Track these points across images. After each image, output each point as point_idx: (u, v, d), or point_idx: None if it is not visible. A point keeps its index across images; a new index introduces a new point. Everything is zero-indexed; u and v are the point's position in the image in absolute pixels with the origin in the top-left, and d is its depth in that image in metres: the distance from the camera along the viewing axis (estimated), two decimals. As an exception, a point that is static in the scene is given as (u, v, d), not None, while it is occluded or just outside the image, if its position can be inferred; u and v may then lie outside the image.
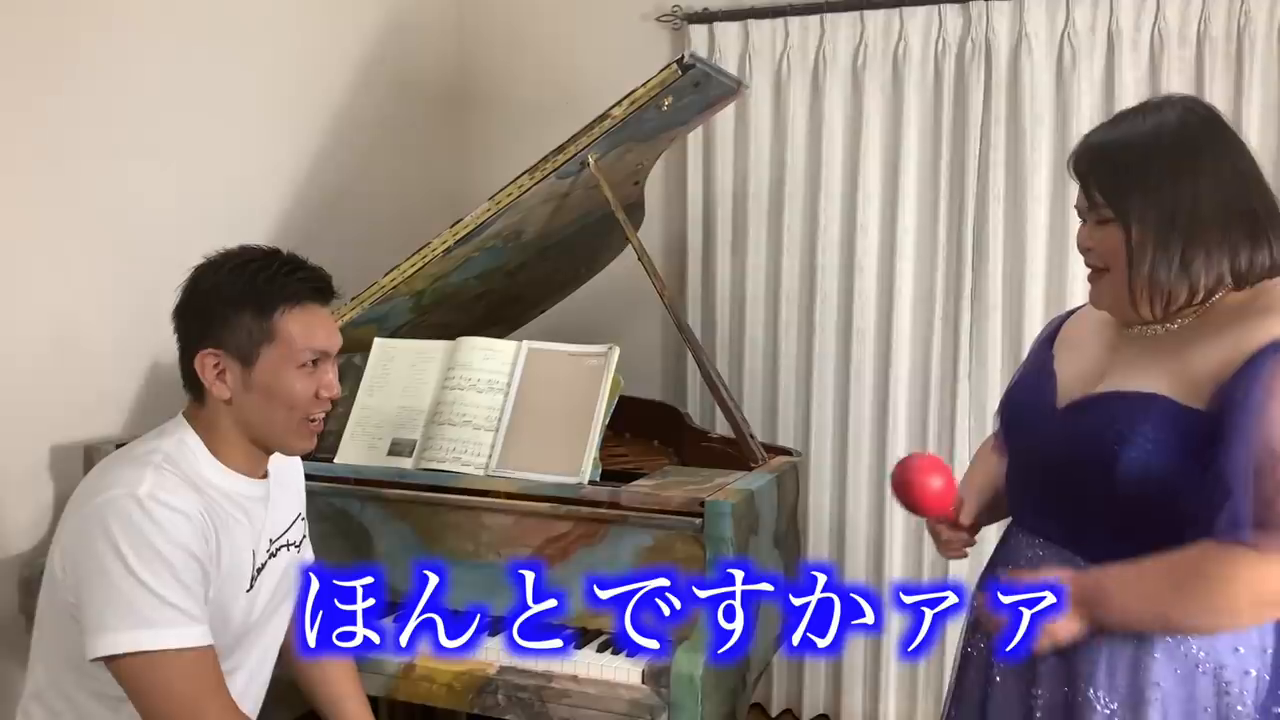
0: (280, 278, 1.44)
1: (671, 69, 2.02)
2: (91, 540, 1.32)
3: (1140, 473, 1.22)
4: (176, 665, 1.32)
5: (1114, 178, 1.28)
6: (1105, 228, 1.29)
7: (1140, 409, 1.25)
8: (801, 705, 3.05)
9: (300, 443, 1.50)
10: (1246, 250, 1.23)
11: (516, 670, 1.77)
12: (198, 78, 2.42)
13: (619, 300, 3.03)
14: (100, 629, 1.30)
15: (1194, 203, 1.23)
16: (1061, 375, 1.41)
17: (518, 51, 3.28)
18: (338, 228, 2.84)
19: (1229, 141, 1.28)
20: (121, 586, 1.30)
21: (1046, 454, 1.37)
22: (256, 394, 1.43)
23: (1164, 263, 1.24)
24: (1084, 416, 1.32)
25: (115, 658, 1.31)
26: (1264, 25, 2.51)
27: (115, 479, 1.36)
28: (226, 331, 1.41)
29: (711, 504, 1.78)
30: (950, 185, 2.81)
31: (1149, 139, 1.27)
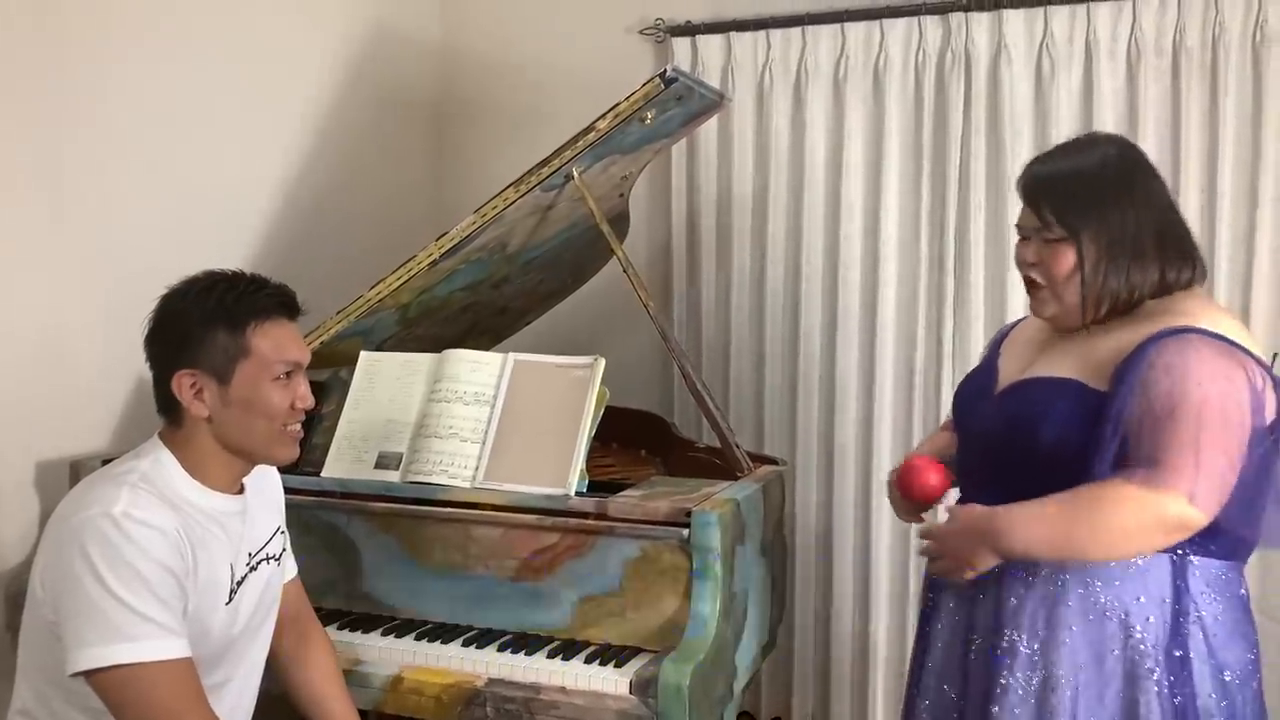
0: (248, 296, 1.50)
1: (654, 83, 2.04)
2: (69, 559, 1.35)
3: (1057, 444, 1.45)
4: (155, 677, 1.35)
5: (1068, 203, 1.49)
6: (1055, 246, 1.50)
7: (1056, 391, 1.49)
8: (790, 712, 3.06)
9: (284, 451, 1.55)
10: (1175, 266, 1.48)
11: (504, 682, 1.77)
12: (183, 91, 2.42)
13: (605, 311, 3.04)
14: (79, 644, 1.33)
15: (1136, 226, 1.47)
16: (1002, 370, 1.66)
17: (502, 64, 3.29)
18: (323, 241, 2.84)
19: (1154, 175, 1.53)
20: (99, 602, 1.33)
21: (985, 434, 1.61)
22: (235, 409, 1.47)
23: (1114, 275, 1.47)
24: (1012, 399, 1.56)
25: (95, 672, 1.33)
26: (1238, 36, 2.54)
27: (91, 499, 1.39)
28: (201, 351, 1.46)
29: (698, 514, 1.79)
30: (931, 195, 2.83)
31: (1097, 170, 1.50)
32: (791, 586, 2.97)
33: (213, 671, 1.49)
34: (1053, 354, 1.55)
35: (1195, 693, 1.43)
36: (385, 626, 1.93)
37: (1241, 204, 2.58)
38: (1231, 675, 1.45)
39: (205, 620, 1.47)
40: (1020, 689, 1.49)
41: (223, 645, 1.53)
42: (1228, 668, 1.45)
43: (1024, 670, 1.49)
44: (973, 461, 1.68)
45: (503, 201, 2.12)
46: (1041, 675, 1.48)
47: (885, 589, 2.91)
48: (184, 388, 1.46)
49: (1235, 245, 2.59)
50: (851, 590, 2.97)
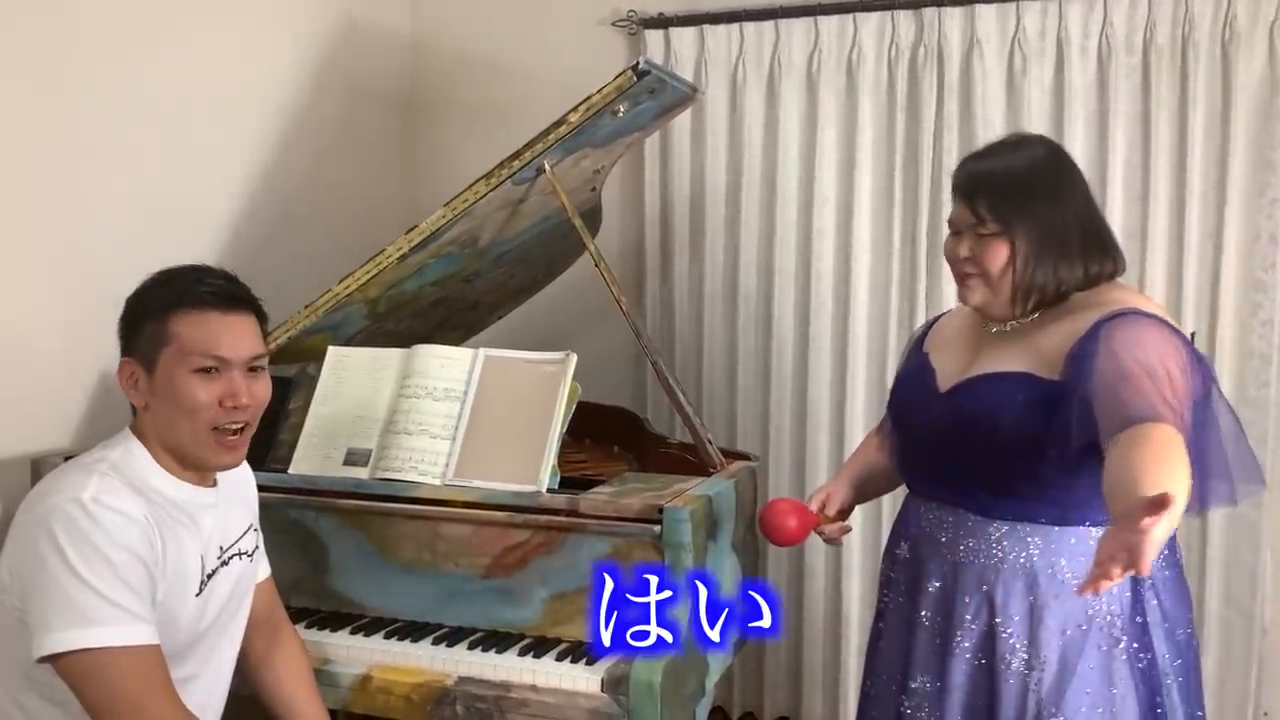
0: (180, 283, 1.48)
1: (626, 75, 2.02)
2: (36, 544, 1.34)
3: (1019, 435, 1.50)
4: (121, 662, 1.34)
5: (1003, 200, 1.54)
6: (988, 241, 1.55)
7: (1013, 384, 1.53)
8: (763, 708, 3.06)
9: (213, 456, 1.49)
10: (1097, 260, 1.55)
11: (475, 680, 1.76)
12: (147, 86, 2.37)
13: (578, 306, 3.02)
14: (45, 629, 1.33)
15: (1064, 222, 1.54)
16: (939, 368, 1.69)
17: (472, 56, 3.26)
18: (291, 235, 2.80)
19: (1079, 175, 1.60)
20: (65, 586, 1.32)
21: (934, 431, 1.64)
22: (160, 400, 1.46)
23: (1042, 269, 1.53)
24: (967, 395, 1.59)
25: (60, 656, 1.33)
26: (1207, 33, 2.56)
27: (60, 486, 1.39)
28: (135, 339, 1.47)
29: (670, 510, 1.78)
30: (904, 189, 2.83)
31: (1027, 169, 1.56)
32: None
33: (181, 665, 1.48)
34: (993, 350, 1.60)
35: (1155, 655, 1.52)
36: (354, 625, 1.91)
37: (1210, 200, 2.60)
38: (1181, 632, 1.56)
39: (174, 610, 1.46)
40: (1007, 672, 1.54)
41: (191, 638, 1.51)
42: (1179, 626, 1.56)
43: (1007, 654, 1.55)
44: (921, 460, 1.72)
45: (473, 195, 2.10)
46: (1023, 656, 1.54)
47: (857, 584, 2.92)
48: (123, 377, 1.48)
49: (1204, 241, 2.61)
50: (823, 586, 2.97)
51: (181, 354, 1.44)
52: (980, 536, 1.58)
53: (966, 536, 1.60)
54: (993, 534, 1.57)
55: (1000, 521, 1.57)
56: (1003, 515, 1.56)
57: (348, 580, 1.97)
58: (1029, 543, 1.55)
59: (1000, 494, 1.56)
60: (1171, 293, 2.64)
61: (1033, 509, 1.54)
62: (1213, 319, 2.61)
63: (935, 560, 1.65)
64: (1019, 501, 1.55)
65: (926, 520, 1.68)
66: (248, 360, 1.50)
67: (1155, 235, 2.63)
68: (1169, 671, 1.53)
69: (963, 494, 1.61)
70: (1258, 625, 2.62)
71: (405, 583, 1.93)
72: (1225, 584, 2.66)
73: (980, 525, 1.58)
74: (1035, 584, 1.54)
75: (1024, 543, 1.55)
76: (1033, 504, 1.54)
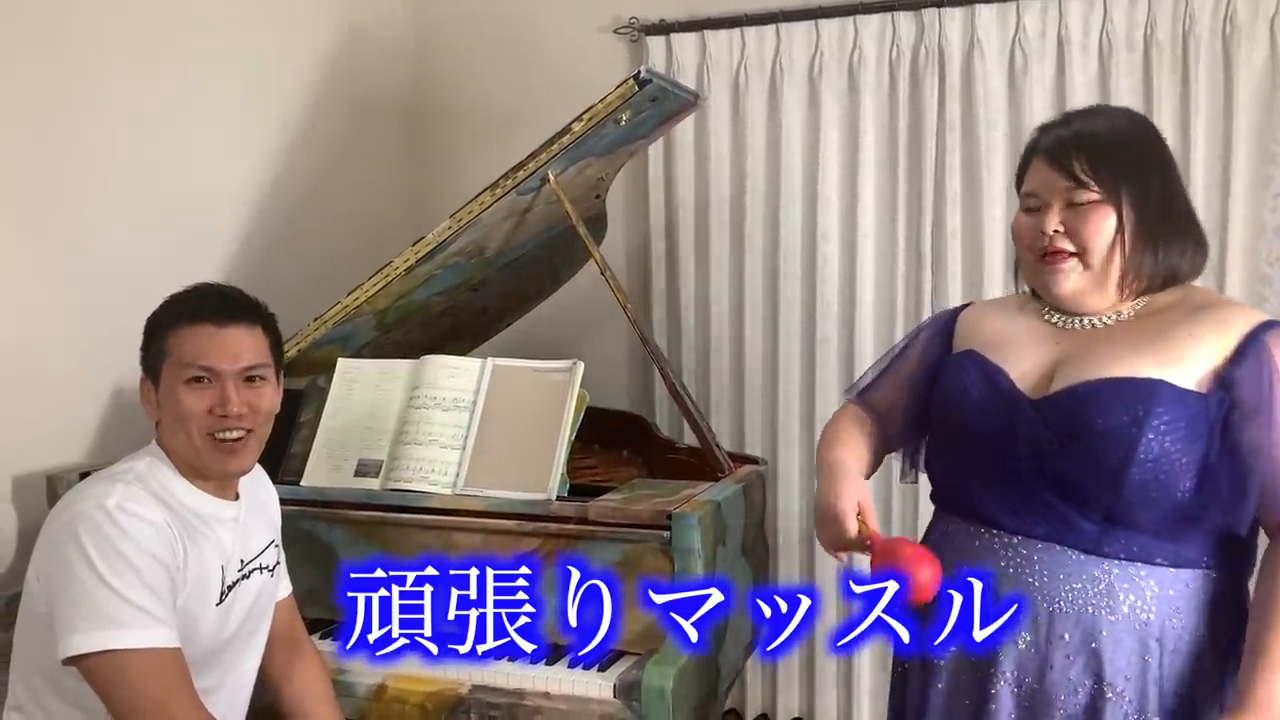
0: (181, 301, 1.54)
1: (628, 84, 2.03)
2: (62, 549, 1.39)
3: (1156, 454, 1.26)
4: (143, 664, 1.37)
5: (1110, 159, 1.32)
6: (1089, 210, 1.32)
7: (1150, 393, 1.28)
8: (776, 709, 3.07)
9: (214, 462, 1.52)
10: (1191, 250, 1.35)
11: (488, 689, 1.77)
12: (154, 102, 2.40)
13: (586, 312, 3.03)
14: (69, 631, 1.36)
15: (1174, 195, 1.33)
16: (1015, 371, 1.41)
17: (476, 66, 3.28)
18: (298, 249, 2.82)
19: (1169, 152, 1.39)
20: (89, 589, 1.36)
21: (1031, 450, 1.35)
22: (165, 413, 1.51)
23: (1150, 247, 1.31)
24: (1089, 404, 1.31)
25: (83, 658, 1.36)
26: (1208, 29, 2.56)
27: (86, 494, 1.44)
28: (147, 356, 1.53)
29: (679, 516, 1.79)
30: (908, 189, 2.84)
31: (1133, 129, 1.36)
32: (775, 584, 2.97)
33: (203, 676, 1.51)
34: (1094, 350, 1.35)
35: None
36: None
37: (1214, 196, 2.60)
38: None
39: (195, 617, 1.50)
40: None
41: (213, 648, 1.54)
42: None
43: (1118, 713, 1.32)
44: (1005, 484, 1.39)
45: (478, 206, 2.12)
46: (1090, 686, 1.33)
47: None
48: (142, 393, 1.54)
49: (1209, 236, 2.59)
50: (834, 587, 2.98)
51: (177, 366, 1.50)
52: (1087, 580, 1.32)
53: (1069, 580, 1.33)
54: (1100, 578, 1.32)
55: (1110, 561, 1.32)
56: (1114, 554, 1.32)
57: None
58: (1144, 589, 1.31)
59: (1113, 526, 1.31)
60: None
61: (1150, 546, 1.31)
62: (1219, 314, 2.60)
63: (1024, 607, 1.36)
64: (1134, 536, 1.31)
65: (1006, 558, 1.38)
66: (242, 370, 1.52)
67: (1160, 231, 2.63)
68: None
69: (1065, 526, 1.34)
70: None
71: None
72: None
73: (1086, 565, 1.33)
74: (1152, 645, 1.31)
75: (1140, 589, 1.31)
76: (1151, 540, 1.31)
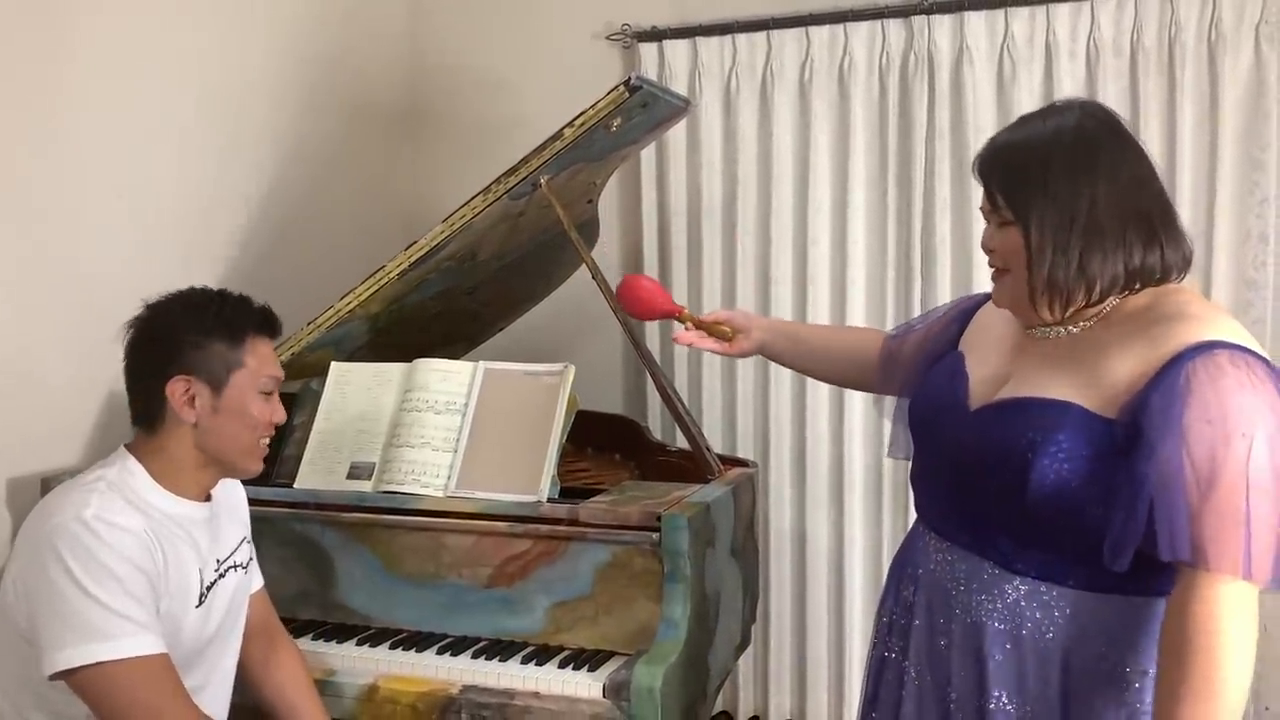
0: (246, 310, 1.59)
1: (619, 90, 2.05)
2: (42, 564, 1.38)
3: (1052, 481, 1.23)
4: (133, 673, 1.39)
5: (1014, 181, 1.29)
6: (1006, 230, 1.31)
7: (1054, 417, 1.25)
8: (768, 711, 3.08)
9: (254, 463, 1.62)
10: (1139, 252, 1.25)
11: (479, 689, 1.78)
12: (148, 108, 2.41)
13: (579, 317, 3.05)
14: (57, 646, 1.36)
15: (1091, 205, 1.25)
16: (973, 377, 1.41)
17: (469, 73, 3.30)
18: (292, 253, 2.84)
19: (1125, 144, 1.29)
20: (74, 603, 1.37)
21: (958, 458, 1.36)
22: (223, 416, 1.54)
23: (1062, 264, 1.26)
24: (996, 422, 1.32)
25: (74, 672, 1.37)
26: (1193, 35, 2.59)
27: (61, 505, 1.43)
28: (199, 359, 1.53)
29: (668, 518, 1.81)
30: (898, 195, 2.86)
31: (1049, 142, 1.29)
32: (766, 587, 2.99)
33: (189, 675, 1.52)
34: (1036, 364, 1.33)
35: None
36: (360, 636, 1.94)
37: (1200, 200, 2.62)
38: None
39: (178, 620, 1.51)
40: None
41: (195, 649, 1.57)
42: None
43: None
44: (939, 488, 1.44)
45: (471, 210, 2.14)
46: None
47: (859, 587, 2.94)
48: (177, 393, 1.51)
49: (1195, 241, 2.59)
50: (826, 589, 3.00)
51: (254, 377, 1.56)
52: (997, 594, 1.31)
53: (980, 591, 1.33)
54: (1010, 593, 1.30)
55: (1021, 579, 1.30)
56: (1025, 571, 1.29)
57: (353, 592, 2.00)
58: (1052, 609, 1.28)
59: (1026, 545, 1.29)
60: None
61: (1062, 569, 1.27)
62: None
63: (942, 613, 1.38)
64: (1046, 557, 1.28)
65: (936, 562, 1.41)
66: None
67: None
68: None
69: (981, 541, 1.33)
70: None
71: (410, 594, 1.96)
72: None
73: (998, 580, 1.31)
74: (1054, 665, 1.28)
75: (1047, 609, 1.28)
76: (1061, 562, 1.27)
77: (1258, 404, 1.15)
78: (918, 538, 1.48)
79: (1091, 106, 1.34)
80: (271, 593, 1.83)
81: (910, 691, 1.43)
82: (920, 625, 1.42)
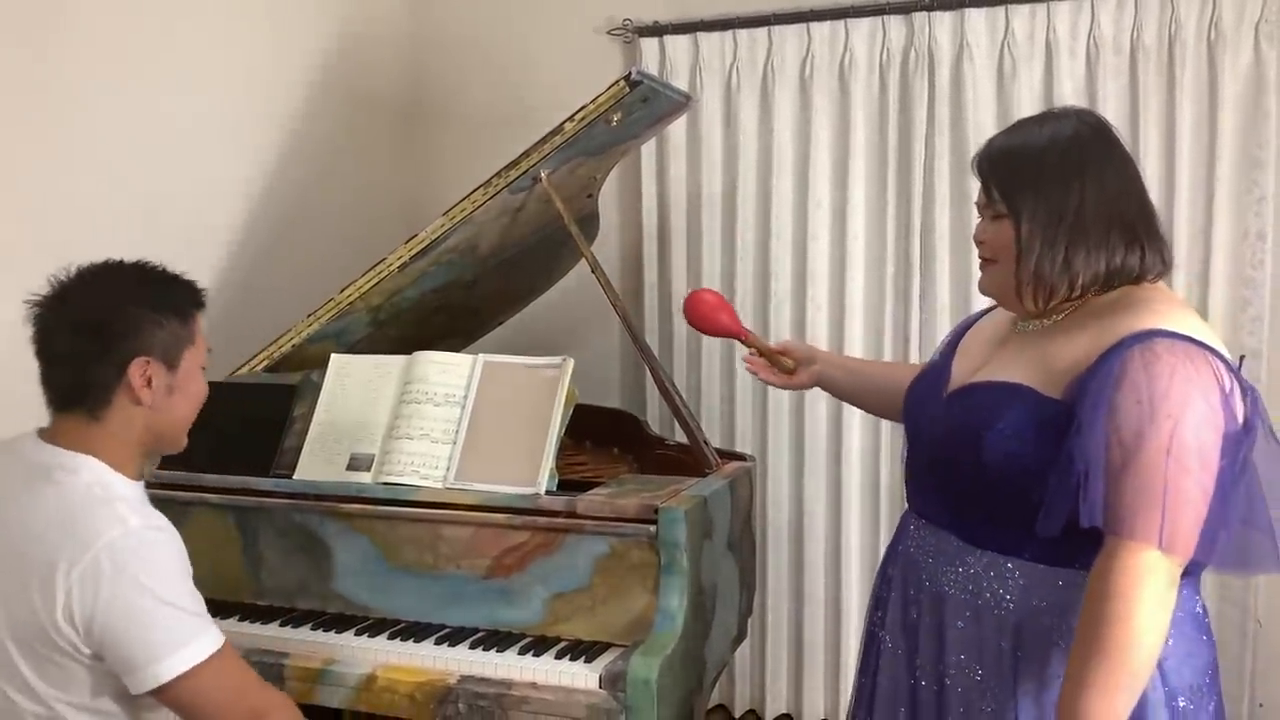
0: (189, 286, 1.54)
1: (619, 85, 2.06)
2: (112, 587, 1.34)
3: (1001, 457, 1.34)
4: (223, 665, 1.40)
5: (1010, 178, 1.40)
6: (998, 223, 1.41)
7: (1004, 397, 1.36)
8: (764, 706, 3.10)
9: (184, 439, 1.57)
10: (1121, 252, 1.35)
11: (476, 679, 1.79)
12: (147, 95, 2.43)
13: (579, 310, 3.06)
14: (150, 661, 1.35)
15: (1079, 205, 1.35)
16: (955, 369, 1.54)
17: (471, 66, 3.31)
18: (292, 243, 2.85)
19: (1115, 153, 1.40)
20: (155, 615, 1.35)
21: (930, 438, 1.50)
22: (176, 395, 1.49)
23: (1048, 258, 1.35)
24: (958, 404, 1.44)
25: (172, 682, 1.36)
26: (1193, 34, 2.59)
27: (93, 527, 1.36)
28: (156, 338, 1.46)
29: (665, 511, 1.82)
30: (897, 191, 2.87)
31: (1044, 145, 1.40)
32: (764, 580, 3.01)
33: None
34: (1005, 353, 1.44)
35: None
36: (359, 626, 1.95)
37: (1199, 198, 2.63)
38: (1185, 700, 1.34)
39: None
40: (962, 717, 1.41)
41: None
42: (1180, 693, 1.34)
43: (975, 698, 1.40)
44: (918, 468, 1.56)
45: (471, 204, 2.15)
46: (992, 706, 1.38)
47: (856, 581, 2.95)
48: (137, 375, 1.44)
49: (1193, 240, 2.64)
50: (823, 583, 3.01)
51: (199, 353, 1.53)
52: (960, 566, 1.42)
53: (945, 564, 1.44)
54: (971, 565, 1.41)
55: (982, 552, 1.40)
56: (985, 544, 1.40)
57: (352, 583, 2.01)
58: (1009, 581, 1.37)
59: (984, 520, 1.40)
60: (1162, 290, 2.67)
61: (1016, 541, 1.37)
62: (1203, 316, 2.62)
63: (914, 586, 1.50)
64: (1003, 530, 1.38)
65: (912, 538, 1.53)
66: None
67: (1145, 234, 2.66)
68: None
69: (953, 517, 1.45)
70: (1251, 618, 2.65)
71: (408, 584, 1.97)
72: (1219, 577, 2.69)
73: (961, 552, 1.42)
74: (1008, 633, 1.37)
75: (1004, 581, 1.38)
76: (1017, 535, 1.36)
77: (1188, 390, 1.23)
78: (904, 520, 1.60)
79: (1087, 115, 1.44)
80: (272, 583, 1.84)
81: (886, 661, 1.53)
82: (895, 597, 1.53)
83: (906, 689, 1.49)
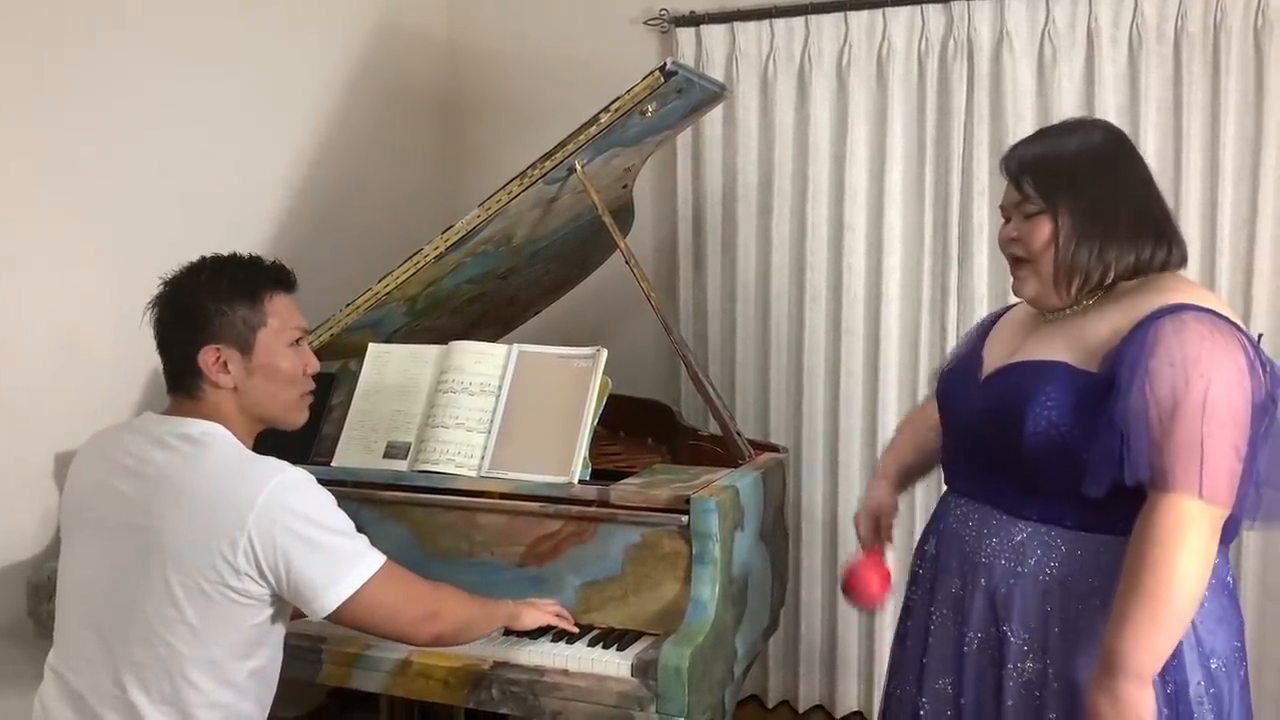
0: (259, 269, 1.64)
1: (654, 76, 2.06)
2: (285, 525, 1.48)
3: (1044, 429, 1.43)
4: (390, 574, 1.57)
5: (1048, 176, 1.50)
6: (1033, 220, 1.51)
7: (1043, 373, 1.46)
8: (798, 697, 3.10)
9: (300, 416, 1.70)
10: (1149, 247, 1.48)
11: (510, 665, 1.82)
12: (192, 88, 2.47)
13: (614, 301, 3.08)
14: (328, 584, 1.50)
15: (1113, 204, 1.48)
16: (987, 356, 1.64)
17: (508, 57, 3.32)
18: (331, 235, 2.88)
19: (1137, 159, 1.54)
20: (327, 544, 1.51)
21: (970, 422, 1.59)
22: (259, 376, 1.60)
23: (1085, 249, 1.47)
24: (997, 383, 1.54)
25: (352, 598, 1.51)
26: (1239, 21, 2.55)
27: (254, 477, 1.50)
28: (223, 325, 1.58)
29: (697, 501, 1.83)
30: (935, 182, 2.85)
31: (1078, 149, 1.52)
32: (798, 573, 3.01)
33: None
34: (1039, 337, 1.53)
35: (1186, 680, 1.40)
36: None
37: (1243, 190, 2.59)
38: (1218, 663, 1.43)
39: None
40: (1014, 680, 1.48)
41: None
42: (1214, 655, 1.43)
43: (1016, 661, 1.48)
44: (958, 451, 1.65)
45: (506, 195, 2.16)
46: (1037, 666, 1.46)
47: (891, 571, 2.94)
48: (209, 362, 1.57)
49: (1237, 230, 2.60)
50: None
51: (279, 331, 1.61)
52: (1004, 537, 1.51)
53: (989, 536, 1.53)
54: (1016, 535, 1.50)
55: (1025, 523, 1.49)
56: (1028, 515, 1.49)
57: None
58: (1052, 549, 1.46)
59: (1027, 492, 1.48)
60: (1204, 283, 2.62)
61: (1058, 511, 1.46)
62: (1246, 308, 2.60)
63: (957, 559, 1.58)
64: (1045, 501, 1.47)
65: (954, 515, 1.61)
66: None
67: (1188, 225, 2.61)
68: (1203, 699, 1.41)
69: (990, 492, 1.54)
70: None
71: (443, 571, 1.98)
72: (1262, 573, 2.66)
73: (1005, 525, 1.51)
74: (1053, 595, 1.46)
75: (1048, 548, 1.46)
76: (1059, 505, 1.45)
77: (1217, 354, 1.33)
78: (942, 503, 1.69)
79: (1108, 125, 1.58)
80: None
81: (932, 632, 1.61)
82: (940, 573, 1.62)
83: (953, 656, 1.57)
